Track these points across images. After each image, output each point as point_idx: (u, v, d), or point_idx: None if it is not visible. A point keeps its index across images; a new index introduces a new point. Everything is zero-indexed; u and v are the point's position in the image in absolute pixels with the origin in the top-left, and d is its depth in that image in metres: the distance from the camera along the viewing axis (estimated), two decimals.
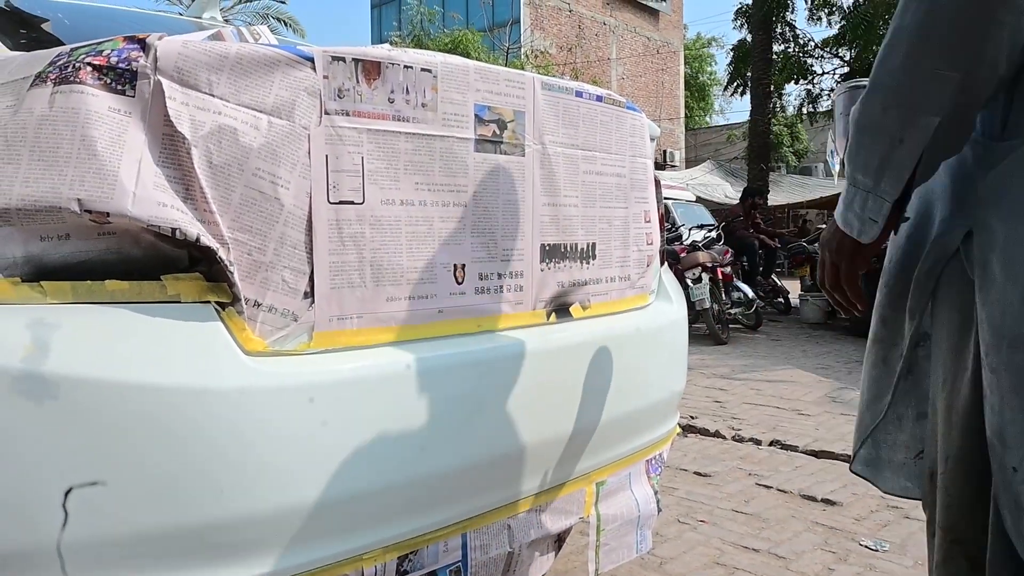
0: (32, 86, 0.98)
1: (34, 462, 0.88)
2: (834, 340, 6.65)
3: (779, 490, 2.78)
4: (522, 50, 20.02)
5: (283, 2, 24.43)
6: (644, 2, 26.00)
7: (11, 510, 0.88)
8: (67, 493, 0.90)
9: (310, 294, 1.09)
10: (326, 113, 1.10)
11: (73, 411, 0.90)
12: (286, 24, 22.91)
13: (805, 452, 3.25)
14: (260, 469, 1.02)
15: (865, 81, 1.30)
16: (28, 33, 1.61)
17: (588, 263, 1.52)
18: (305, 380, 1.06)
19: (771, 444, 3.39)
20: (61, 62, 0.99)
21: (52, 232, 0.94)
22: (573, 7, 23.78)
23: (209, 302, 1.01)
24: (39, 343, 0.89)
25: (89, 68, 0.98)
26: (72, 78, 0.97)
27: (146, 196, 0.95)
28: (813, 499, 2.68)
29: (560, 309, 1.47)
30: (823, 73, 14.17)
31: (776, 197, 16.62)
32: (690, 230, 7.49)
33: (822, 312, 7.88)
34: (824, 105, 14.21)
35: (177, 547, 0.97)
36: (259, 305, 1.05)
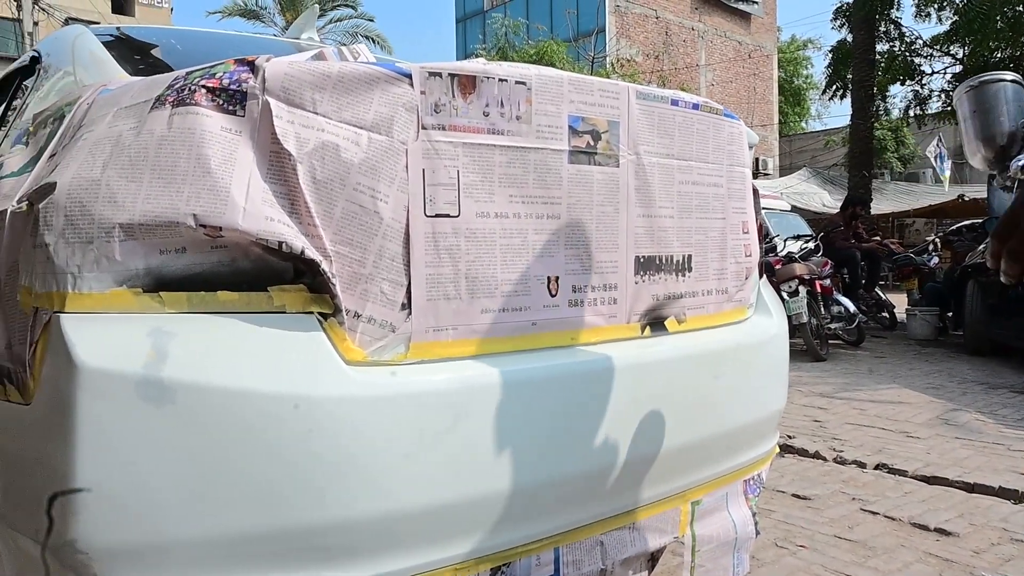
0: (152, 108, 1.04)
1: (153, 463, 0.93)
2: (946, 358, 6.24)
3: (887, 517, 2.62)
4: (607, 59, 19.93)
5: (371, 20, 25.34)
6: (735, 5, 25.39)
7: (132, 507, 0.93)
8: (182, 492, 0.94)
9: (407, 306, 1.11)
10: (423, 128, 1.12)
11: (189, 415, 0.94)
12: (374, 41, 23.72)
13: (915, 477, 3.05)
14: (358, 476, 1.04)
15: (991, 75, 1.18)
16: (144, 59, 1.72)
17: (684, 275, 1.48)
18: (402, 390, 1.08)
19: (877, 467, 3.20)
20: (178, 85, 1.06)
21: (170, 245, 0.99)
22: (660, 13, 23.50)
23: (312, 313, 1.05)
24: (158, 350, 0.94)
25: (203, 90, 1.04)
26: (188, 100, 1.03)
27: (255, 211, 1.00)
28: (925, 528, 2.51)
29: (655, 323, 1.44)
30: (932, 73, 13.39)
31: (880, 206, 15.79)
32: (785, 241, 7.20)
33: (932, 328, 7.41)
34: (934, 107, 13.40)
35: (281, 549, 1.00)
36: (359, 316, 1.07)
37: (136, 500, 0.93)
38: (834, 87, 14.62)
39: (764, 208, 8.57)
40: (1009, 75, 1.22)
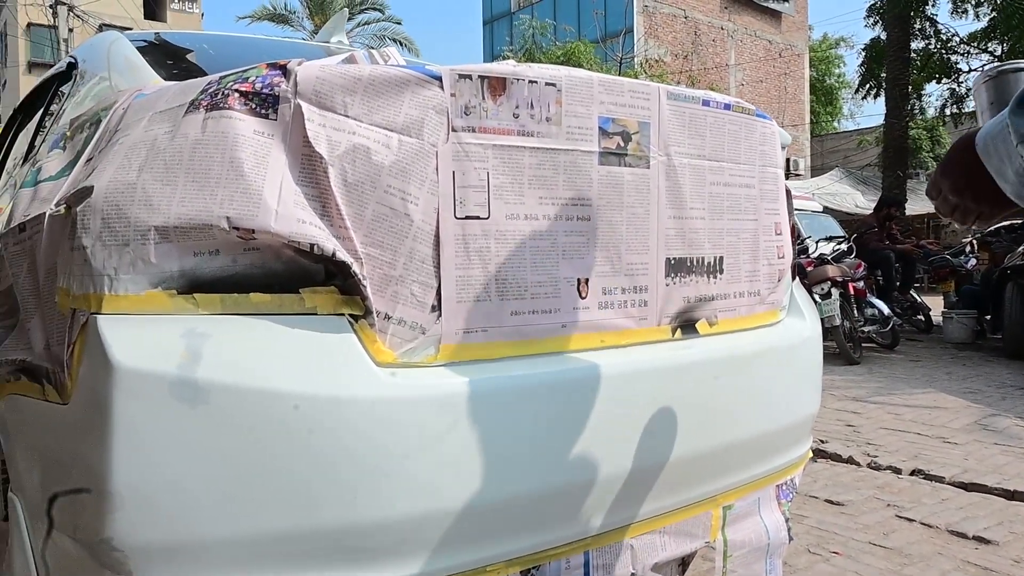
0: (187, 113, 1.05)
1: (187, 463, 0.94)
2: (983, 362, 6.09)
3: (923, 524, 2.56)
4: (635, 60, 19.82)
5: (399, 23, 25.51)
6: (765, 4, 25.09)
7: (167, 506, 0.94)
8: (215, 492, 0.95)
9: (437, 307, 1.11)
10: (453, 130, 1.12)
11: (222, 416, 0.95)
12: (402, 44, 23.84)
13: (953, 484, 2.98)
14: (389, 477, 1.04)
15: (1013, 63, 1.11)
16: (178, 63, 1.75)
17: (715, 277, 1.47)
18: (432, 392, 1.08)
19: (912, 473, 3.13)
20: (212, 89, 1.07)
21: (204, 248, 1.00)
22: (689, 13, 23.30)
23: (343, 314, 1.05)
24: (192, 351, 0.95)
25: (236, 94, 1.05)
26: (222, 104, 1.04)
27: (287, 213, 1.00)
28: (963, 536, 2.45)
29: (686, 325, 1.42)
30: (969, 71, 13.11)
31: (915, 206, 15.46)
32: (817, 242, 7.10)
33: (970, 331, 7.24)
34: (971, 105, 13.10)
35: (311, 549, 1.01)
36: (389, 318, 1.08)
37: (170, 499, 0.94)
38: (867, 86, 14.39)
39: (796, 209, 8.41)
40: None
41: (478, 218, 1.14)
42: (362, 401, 1.02)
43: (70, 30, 16.17)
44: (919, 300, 8.13)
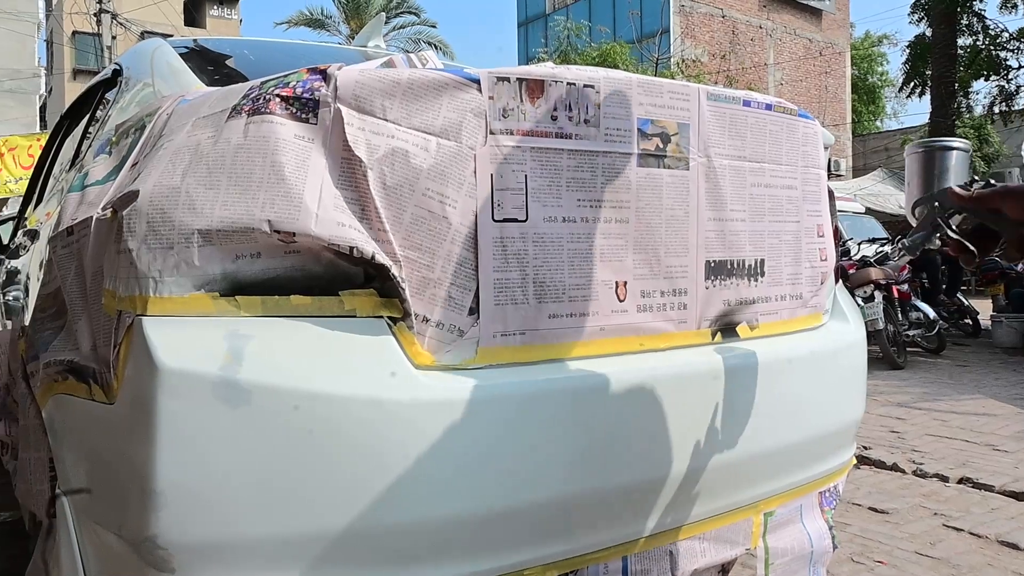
0: (229, 118, 1.07)
1: (229, 462, 0.95)
2: None
3: (972, 534, 2.49)
4: (672, 60, 19.63)
5: (434, 26, 25.63)
6: (805, 2, 24.66)
7: (210, 504, 0.95)
8: (256, 491, 0.96)
9: (475, 310, 1.11)
10: (491, 133, 1.12)
11: (263, 416, 0.96)
12: (437, 47, 23.94)
13: (1003, 493, 2.89)
14: (428, 480, 1.04)
15: (939, 141, 1.12)
16: (219, 69, 1.78)
17: (756, 280, 1.44)
18: (470, 395, 1.07)
19: (960, 482, 3.04)
20: (253, 95, 1.08)
21: (245, 251, 1.01)
22: (726, 12, 22.99)
23: (382, 317, 1.06)
24: (234, 352, 0.96)
25: (278, 99, 1.06)
26: (263, 109, 1.05)
27: (327, 217, 1.01)
28: (1015, 547, 2.37)
29: (726, 328, 1.40)
30: (1019, 67, 12.73)
31: None
32: (859, 244, 6.95)
33: (1020, 335, 7.01)
34: (1022, 102, 12.73)
35: (353, 550, 1.01)
36: (427, 320, 1.08)
37: (213, 498, 0.95)
38: (912, 84, 14.07)
39: (838, 211, 8.23)
40: (958, 142, 1.15)
41: (516, 220, 1.13)
42: (401, 403, 1.02)
43: (113, 37, 16.57)
44: (966, 304, 7.91)
